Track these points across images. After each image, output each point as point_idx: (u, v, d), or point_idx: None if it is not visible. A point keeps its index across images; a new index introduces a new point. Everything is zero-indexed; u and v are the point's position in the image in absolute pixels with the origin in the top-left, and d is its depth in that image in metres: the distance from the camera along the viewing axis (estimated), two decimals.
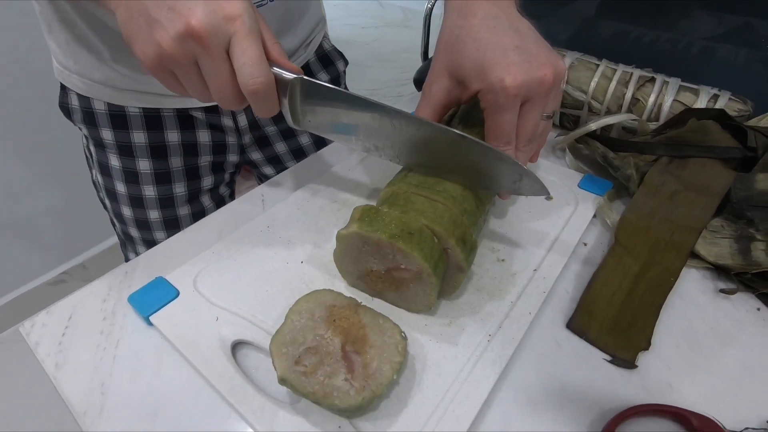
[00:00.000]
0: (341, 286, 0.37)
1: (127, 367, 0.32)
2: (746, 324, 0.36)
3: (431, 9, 0.96)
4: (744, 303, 0.37)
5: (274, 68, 0.31)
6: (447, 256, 0.32)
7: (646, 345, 0.33)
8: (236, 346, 0.33)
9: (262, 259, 0.39)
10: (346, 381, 0.27)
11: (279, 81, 0.32)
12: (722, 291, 0.38)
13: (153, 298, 0.35)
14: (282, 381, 0.28)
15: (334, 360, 0.28)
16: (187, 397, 0.30)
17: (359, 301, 0.32)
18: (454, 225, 0.32)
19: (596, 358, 0.33)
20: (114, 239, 0.75)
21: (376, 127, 0.35)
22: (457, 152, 0.34)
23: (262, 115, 0.32)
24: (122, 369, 0.32)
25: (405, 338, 0.30)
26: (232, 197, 0.69)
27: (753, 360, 0.33)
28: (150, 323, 0.34)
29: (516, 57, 0.33)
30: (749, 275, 0.38)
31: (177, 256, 0.40)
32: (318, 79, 0.34)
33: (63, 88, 0.56)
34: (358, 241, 0.32)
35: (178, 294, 0.35)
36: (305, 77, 0.33)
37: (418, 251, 0.30)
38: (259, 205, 0.47)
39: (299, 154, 0.65)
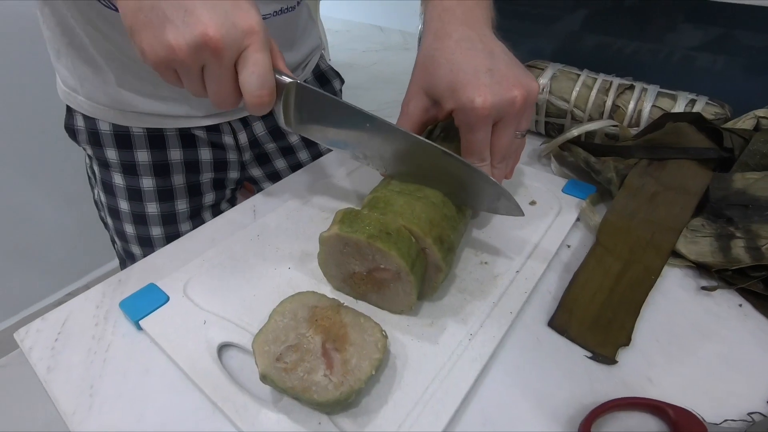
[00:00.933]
0: (327, 290, 0.38)
1: (117, 370, 0.33)
2: (728, 319, 0.36)
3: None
4: (726, 299, 0.38)
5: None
6: (425, 255, 0.33)
7: (627, 341, 0.34)
8: (222, 348, 0.34)
9: (251, 266, 0.40)
10: (325, 376, 0.28)
11: (277, 85, 0.33)
12: (704, 288, 0.38)
13: (143, 303, 0.36)
14: (263, 377, 0.28)
15: (314, 357, 0.29)
16: (173, 398, 0.31)
17: (342, 302, 0.33)
18: (431, 225, 0.33)
19: (577, 354, 0.33)
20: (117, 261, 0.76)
21: (366, 137, 0.36)
22: (442, 168, 0.36)
23: (254, 113, 0.32)
24: (112, 371, 0.32)
25: (385, 336, 0.31)
26: None
27: (734, 354, 0.33)
28: (140, 328, 0.35)
29: (487, 79, 0.34)
30: (730, 272, 0.38)
31: (171, 263, 0.41)
32: None
33: (69, 110, 0.58)
34: (339, 243, 0.33)
35: (168, 299, 0.36)
36: (300, 82, 0.34)
37: (395, 250, 0.31)
38: (250, 215, 0.48)
39: (298, 170, 0.67)
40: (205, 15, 0.28)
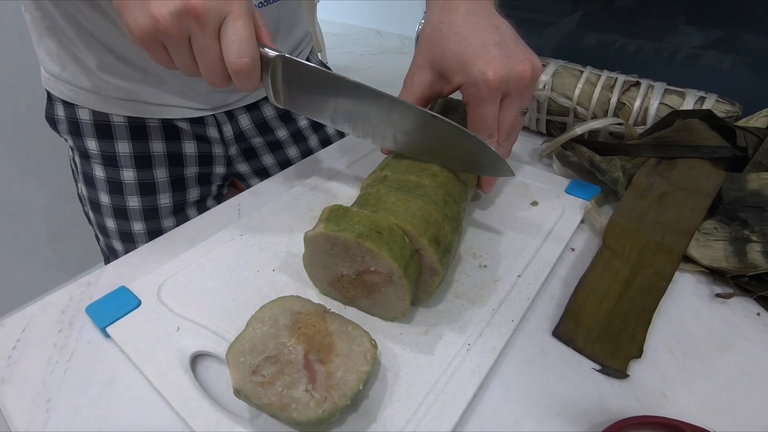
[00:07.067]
0: (312, 295, 0.35)
1: (78, 382, 0.29)
2: (745, 329, 0.33)
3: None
4: (743, 308, 0.35)
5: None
6: (420, 257, 0.30)
7: (638, 352, 0.31)
8: (198, 358, 0.31)
9: (232, 267, 0.37)
10: (307, 392, 0.25)
11: (262, 58, 0.32)
12: (718, 295, 0.36)
13: (112, 308, 0.33)
14: (237, 392, 0.25)
15: (295, 370, 0.26)
16: (139, 414, 0.28)
17: (328, 308, 0.30)
18: (427, 224, 0.30)
19: (584, 367, 0.31)
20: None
21: (357, 108, 0.36)
22: (437, 136, 0.35)
23: (242, 90, 0.32)
24: (72, 383, 0.29)
25: (375, 346, 0.28)
26: None
27: (753, 367, 0.31)
28: (107, 335, 0.32)
29: (496, 52, 0.34)
30: (746, 278, 0.36)
31: (146, 265, 0.38)
32: None
33: (50, 99, 0.56)
34: (325, 243, 0.30)
35: (139, 304, 0.33)
36: (287, 55, 0.33)
37: (387, 251, 0.28)
38: (235, 213, 0.45)
39: (286, 166, 0.64)
40: None
